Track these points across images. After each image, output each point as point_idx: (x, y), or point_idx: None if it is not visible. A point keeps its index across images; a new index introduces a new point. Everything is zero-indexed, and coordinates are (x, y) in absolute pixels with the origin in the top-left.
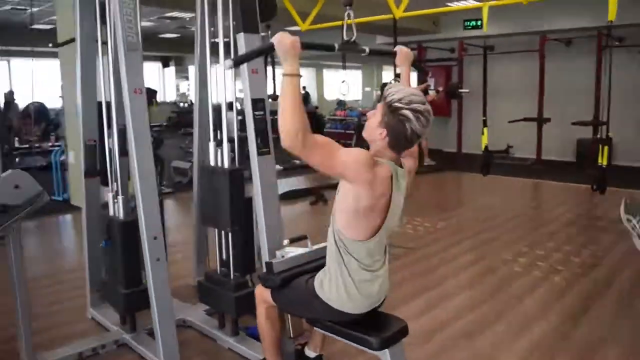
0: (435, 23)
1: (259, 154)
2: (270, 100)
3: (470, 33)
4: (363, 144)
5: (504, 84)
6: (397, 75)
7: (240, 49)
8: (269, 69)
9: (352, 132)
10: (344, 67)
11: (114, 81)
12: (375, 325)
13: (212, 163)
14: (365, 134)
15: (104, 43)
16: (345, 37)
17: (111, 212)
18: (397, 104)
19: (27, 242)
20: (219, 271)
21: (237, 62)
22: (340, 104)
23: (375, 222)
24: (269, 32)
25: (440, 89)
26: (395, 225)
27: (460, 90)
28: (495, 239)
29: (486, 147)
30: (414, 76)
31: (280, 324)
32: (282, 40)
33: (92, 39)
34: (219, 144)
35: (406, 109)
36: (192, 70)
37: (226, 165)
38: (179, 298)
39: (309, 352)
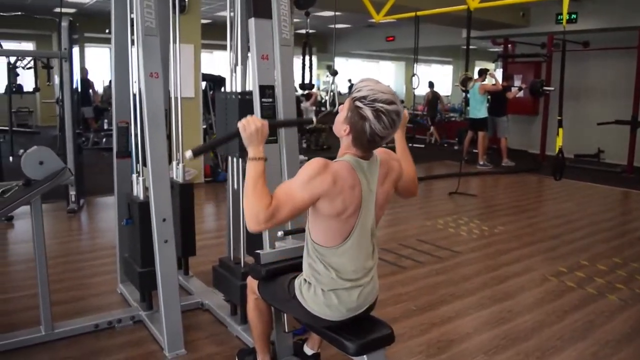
0: (525, 16)
1: (266, 142)
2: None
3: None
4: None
5: (597, 82)
6: (482, 72)
7: (251, 35)
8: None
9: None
10: (416, 61)
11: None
12: (356, 329)
13: None
14: (334, 128)
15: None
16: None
17: (134, 192)
18: (359, 102)
19: (83, 218)
20: (232, 258)
21: (197, 153)
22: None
23: (348, 223)
24: (308, 19)
25: (523, 86)
26: (372, 225)
27: (544, 88)
28: (553, 249)
29: (560, 150)
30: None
31: (269, 316)
32: (248, 126)
33: (124, 25)
34: None
35: (368, 107)
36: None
37: None
38: (206, 282)
39: (307, 350)
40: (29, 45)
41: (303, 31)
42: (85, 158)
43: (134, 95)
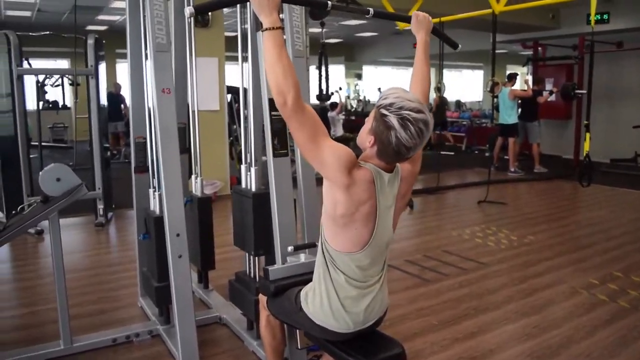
0: (555, 18)
1: (276, 155)
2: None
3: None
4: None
5: (633, 83)
6: (512, 77)
7: (259, 48)
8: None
9: (463, 135)
10: (441, 67)
11: (175, 82)
12: (365, 346)
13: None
14: (357, 140)
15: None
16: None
17: (151, 207)
18: (384, 110)
19: (111, 231)
20: (247, 272)
21: (200, 10)
22: (458, 105)
23: (361, 235)
24: (323, 30)
25: (555, 89)
26: (389, 239)
27: (576, 91)
28: (585, 260)
29: (587, 155)
30: (528, 74)
31: (281, 332)
32: None
33: (139, 41)
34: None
35: (394, 115)
36: (311, 70)
37: (253, 187)
38: (225, 296)
39: None
40: (63, 63)
41: (333, 41)
42: (116, 172)
43: (149, 110)
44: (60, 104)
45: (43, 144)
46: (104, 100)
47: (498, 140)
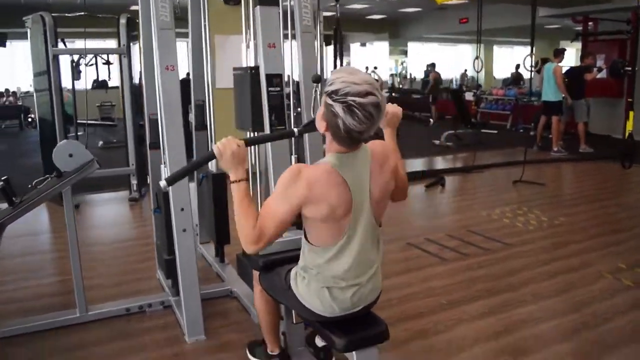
0: None
1: (273, 132)
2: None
3: None
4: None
5: None
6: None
7: (257, 22)
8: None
9: (508, 112)
10: (479, 41)
11: (192, 59)
12: (348, 326)
13: None
14: (316, 124)
15: None
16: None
17: None
18: (329, 98)
19: (144, 206)
20: None
21: (171, 181)
22: (507, 82)
23: (341, 223)
24: (337, 4)
25: (604, 66)
26: (369, 220)
27: (626, 68)
28: (617, 243)
29: (630, 135)
30: (569, 53)
31: (275, 307)
32: (224, 152)
33: (149, 20)
34: None
35: (338, 102)
36: (353, 48)
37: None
38: None
39: (318, 341)
40: (99, 43)
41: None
42: None
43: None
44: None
45: (91, 122)
46: (137, 79)
47: (541, 118)
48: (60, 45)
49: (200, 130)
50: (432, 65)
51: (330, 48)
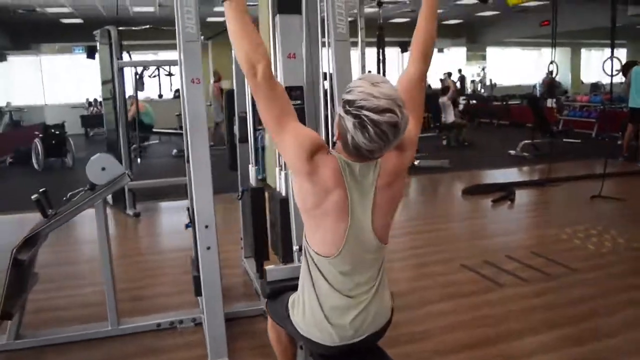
0: None
1: None
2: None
3: None
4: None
5: None
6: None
7: (276, 32)
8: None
9: (594, 120)
10: (554, 46)
11: (235, 71)
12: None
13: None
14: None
15: None
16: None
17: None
18: (342, 109)
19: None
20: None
21: None
22: (596, 87)
23: (336, 230)
24: (380, 10)
25: None
26: (370, 236)
27: None
28: None
29: None
30: None
31: (287, 336)
32: None
33: None
34: None
35: (350, 115)
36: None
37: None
38: None
39: None
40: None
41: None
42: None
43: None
44: (157, 94)
45: (170, 130)
46: None
47: (628, 127)
48: (126, 58)
49: (243, 142)
50: (449, 74)
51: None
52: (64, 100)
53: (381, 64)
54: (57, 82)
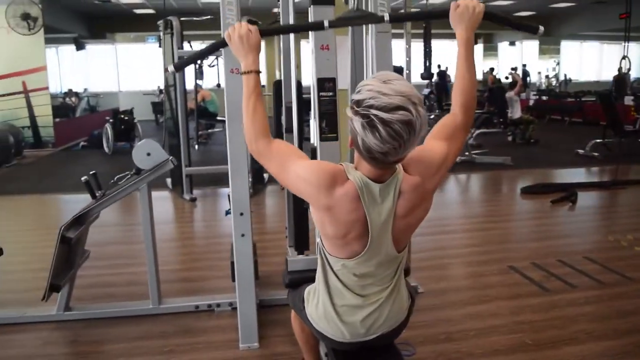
0: None
1: (323, 139)
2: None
3: None
4: None
5: None
6: None
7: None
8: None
9: None
10: (627, 39)
11: (283, 62)
12: (360, 357)
13: None
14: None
15: None
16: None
17: None
18: (350, 109)
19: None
20: None
21: (179, 67)
22: None
23: (353, 247)
24: (427, 1)
25: None
26: (388, 251)
27: None
28: None
29: None
30: None
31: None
32: (232, 35)
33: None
34: None
35: (359, 115)
36: (501, 47)
37: None
38: None
39: None
40: None
41: None
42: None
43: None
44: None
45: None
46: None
47: None
48: (186, 47)
49: (289, 132)
50: (514, 69)
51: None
52: (137, 87)
53: (428, 58)
54: (131, 69)
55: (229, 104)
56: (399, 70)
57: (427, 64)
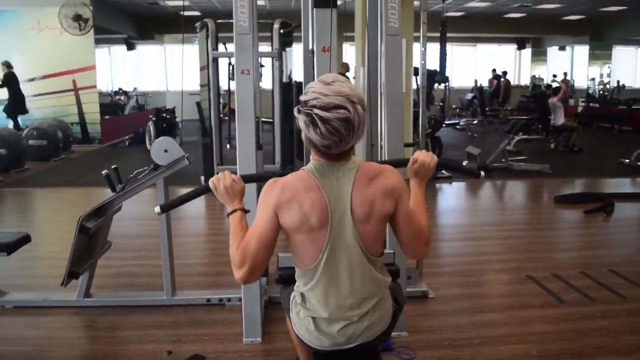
0: None
1: None
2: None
3: None
4: None
5: None
6: None
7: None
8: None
9: None
10: None
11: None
12: None
13: None
14: None
15: None
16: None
17: None
18: (296, 109)
19: None
20: None
21: (165, 208)
22: None
23: (317, 240)
24: (444, 3)
25: None
26: (353, 241)
27: None
28: None
29: None
30: None
31: None
32: (218, 186)
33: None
34: None
35: (302, 115)
36: (550, 51)
37: None
38: None
39: None
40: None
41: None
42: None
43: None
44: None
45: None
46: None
47: None
48: (221, 49)
49: (300, 159)
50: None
51: (523, 52)
52: (184, 87)
53: (444, 61)
54: (178, 69)
55: (239, 103)
56: (432, 74)
57: (443, 67)
